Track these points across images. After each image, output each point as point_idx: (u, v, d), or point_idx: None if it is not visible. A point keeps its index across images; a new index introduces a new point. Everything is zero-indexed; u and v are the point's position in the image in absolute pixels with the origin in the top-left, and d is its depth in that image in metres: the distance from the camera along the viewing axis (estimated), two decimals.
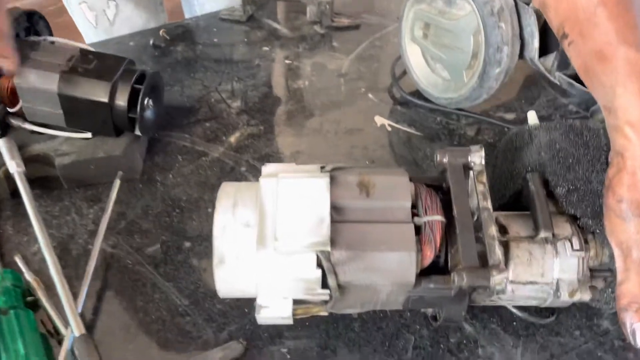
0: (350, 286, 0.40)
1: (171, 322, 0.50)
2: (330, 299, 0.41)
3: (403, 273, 0.39)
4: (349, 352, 0.47)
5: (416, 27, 0.73)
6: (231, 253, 0.40)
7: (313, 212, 0.39)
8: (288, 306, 0.40)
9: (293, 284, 0.40)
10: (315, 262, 0.39)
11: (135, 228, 0.59)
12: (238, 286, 0.41)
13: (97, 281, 0.53)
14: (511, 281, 0.44)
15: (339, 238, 0.39)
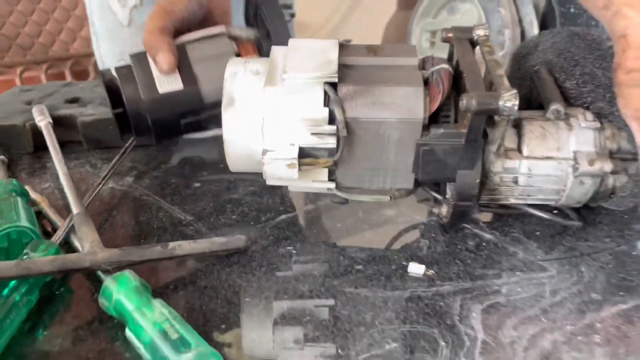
0: (357, 125, 0.39)
1: (174, 230, 0.48)
2: (337, 146, 0.39)
3: (411, 108, 0.39)
4: (359, 250, 0.44)
5: (423, 39, 0.80)
6: (240, 94, 0.40)
7: (322, 57, 0.40)
8: (294, 150, 0.39)
9: (300, 124, 0.39)
10: (323, 99, 0.39)
11: (146, 176, 0.59)
12: (244, 132, 0.40)
13: (102, 207, 0.52)
14: (526, 157, 0.42)
15: (347, 76, 0.39)
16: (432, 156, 0.40)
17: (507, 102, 0.37)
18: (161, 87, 0.53)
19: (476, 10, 0.70)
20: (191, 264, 0.43)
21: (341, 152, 0.40)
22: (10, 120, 0.64)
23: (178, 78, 0.54)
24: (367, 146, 0.40)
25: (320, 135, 0.39)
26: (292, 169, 0.40)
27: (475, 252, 0.43)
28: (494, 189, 0.44)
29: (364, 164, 0.41)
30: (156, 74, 0.54)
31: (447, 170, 0.41)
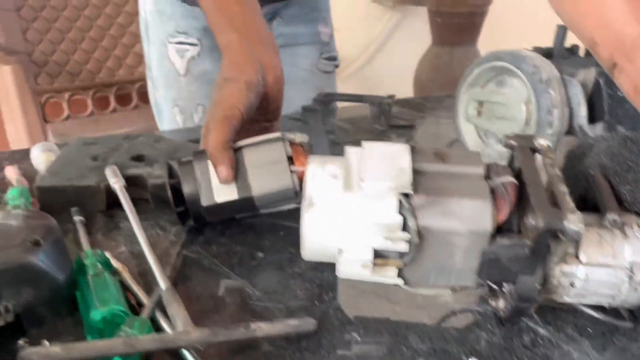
0: (428, 233, 0.42)
1: (244, 306, 0.51)
2: (408, 249, 0.43)
3: (479, 220, 0.42)
4: (420, 340, 0.47)
5: (470, 107, 0.83)
6: (319, 196, 0.44)
7: (395, 164, 0.44)
8: (368, 252, 0.43)
9: (375, 228, 0.43)
10: (397, 206, 0.42)
11: (214, 242, 0.63)
12: (323, 231, 0.44)
13: (176, 276, 0.56)
14: (585, 263, 0.45)
15: (418, 186, 0.43)
16: (497, 263, 0.43)
17: (572, 225, 0.40)
18: (218, 196, 0.59)
19: (525, 88, 0.73)
20: (264, 346, 0.46)
21: (412, 256, 0.43)
22: (85, 181, 0.69)
23: (234, 188, 0.59)
24: (436, 251, 0.44)
25: (393, 240, 0.43)
26: (365, 269, 0.43)
27: (531, 349, 0.46)
28: (550, 290, 0.47)
29: (431, 265, 0.45)
30: (215, 182, 0.59)
31: (510, 275, 0.44)
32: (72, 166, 0.73)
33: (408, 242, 0.43)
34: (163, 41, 1.01)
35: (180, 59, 1.03)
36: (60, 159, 0.77)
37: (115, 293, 0.47)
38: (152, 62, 1.08)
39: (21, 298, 0.45)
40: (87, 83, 2.09)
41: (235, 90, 0.61)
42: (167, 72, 1.05)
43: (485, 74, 0.80)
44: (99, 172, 0.70)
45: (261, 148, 0.60)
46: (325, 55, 1.17)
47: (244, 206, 0.60)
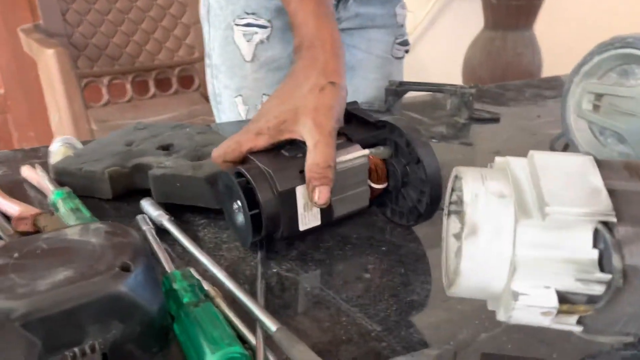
0: (634, 274, 0.33)
1: (364, 344, 0.43)
2: (605, 291, 0.33)
3: None
4: None
5: (584, 100, 0.72)
6: (485, 223, 0.35)
7: (583, 183, 0.34)
8: (552, 297, 0.33)
9: (561, 266, 0.33)
10: (592, 238, 0.33)
11: (307, 257, 0.54)
12: (488, 265, 0.35)
13: (276, 300, 0.48)
14: None
15: (620, 211, 0.33)
16: None
17: None
18: (302, 224, 0.53)
19: None
20: None
21: (606, 301, 0.34)
22: (95, 166, 0.63)
23: (318, 214, 0.53)
24: (637, 295, 0.34)
25: (585, 282, 0.33)
26: (547, 317, 0.34)
27: None
28: None
29: (627, 311, 0.35)
30: (301, 210, 0.52)
31: None
32: (100, 150, 0.67)
33: (607, 284, 0.33)
34: (229, 24, 0.91)
35: (247, 43, 0.93)
36: (100, 141, 0.71)
37: (227, 329, 0.39)
38: (214, 48, 0.98)
39: (109, 335, 0.38)
40: (127, 67, 2.02)
41: (340, 98, 0.54)
42: (232, 58, 0.95)
43: (606, 62, 0.69)
44: (121, 158, 0.65)
45: (347, 171, 0.54)
46: (400, 40, 1.06)
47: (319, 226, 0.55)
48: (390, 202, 0.60)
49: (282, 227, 0.52)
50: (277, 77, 0.94)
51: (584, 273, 0.33)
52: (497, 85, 1.17)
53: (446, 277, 0.40)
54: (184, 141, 0.68)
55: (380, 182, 0.57)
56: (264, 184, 0.51)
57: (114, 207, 0.63)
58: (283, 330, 0.39)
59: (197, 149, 0.66)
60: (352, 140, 0.56)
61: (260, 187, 0.51)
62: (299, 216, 0.52)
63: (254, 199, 0.51)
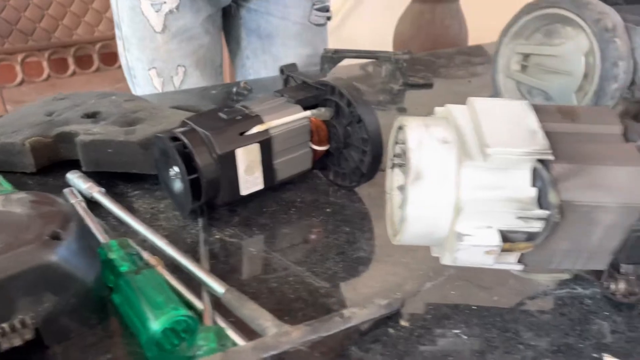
0: (569, 209, 0.34)
1: (314, 302, 0.42)
2: (544, 227, 0.35)
3: (633, 192, 0.34)
4: (536, 335, 0.40)
5: (513, 61, 0.75)
6: (429, 168, 0.35)
7: (521, 125, 0.35)
8: (495, 236, 0.34)
9: (503, 205, 0.34)
10: (531, 177, 0.34)
11: (251, 222, 0.53)
12: (433, 211, 0.35)
13: (221, 265, 0.47)
14: None
15: (555, 150, 0.34)
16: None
17: None
18: (244, 188, 0.52)
19: (585, 36, 0.65)
20: (355, 354, 0.38)
21: (545, 237, 0.35)
22: (11, 137, 0.59)
23: (260, 177, 0.53)
24: (572, 230, 0.36)
25: (526, 219, 0.34)
26: (489, 255, 0.35)
27: None
28: None
29: (562, 247, 0.37)
30: (242, 174, 0.51)
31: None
32: (18, 122, 0.62)
33: (544, 220, 0.35)
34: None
35: (156, 13, 0.89)
36: (15, 113, 0.66)
37: (172, 295, 0.37)
38: (123, 19, 0.93)
39: (41, 308, 0.35)
40: (42, 43, 1.88)
41: None
42: (141, 29, 0.91)
43: (533, 23, 0.71)
44: (42, 128, 0.60)
45: (289, 133, 0.53)
46: (318, 5, 1.05)
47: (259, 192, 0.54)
48: (332, 164, 0.59)
49: (223, 191, 0.51)
50: (190, 48, 0.92)
51: (524, 211, 0.34)
52: (429, 53, 1.19)
53: (391, 228, 0.40)
54: (112, 108, 0.64)
55: (322, 144, 0.57)
56: (202, 147, 0.49)
57: (38, 182, 0.58)
58: (232, 291, 0.38)
59: (127, 115, 0.62)
60: (293, 102, 0.55)
61: (198, 151, 0.49)
62: (239, 180, 0.51)
63: (191, 163, 0.49)
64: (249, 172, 0.51)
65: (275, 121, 0.52)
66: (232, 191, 0.51)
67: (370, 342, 0.39)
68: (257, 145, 0.51)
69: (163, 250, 0.44)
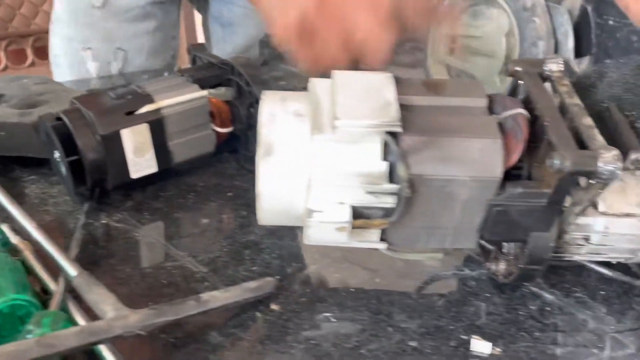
0: (421, 183, 0.33)
1: (186, 287, 0.41)
2: (396, 204, 0.33)
3: (487, 164, 0.33)
4: (409, 317, 0.38)
5: (442, 44, 0.73)
6: (281, 142, 0.33)
7: (377, 97, 0.33)
8: (345, 212, 0.33)
9: (353, 180, 0.32)
10: (382, 151, 0.33)
11: (144, 207, 0.51)
12: (286, 187, 0.34)
13: (100, 250, 0.45)
14: (603, 213, 0.37)
15: (409, 122, 0.33)
16: (505, 217, 0.35)
17: (608, 164, 0.31)
18: (134, 171, 0.49)
19: (507, 17, 0.64)
20: (213, 337, 0.36)
21: (400, 212, 0.34)
22: None
23: (153, 160, 0.50)
24: (430, 205, 0.34)
25: (377, 194, 0.33)
26: (341, 232, 0.33)
27: (542, 321, 0.38)
28: (560, 246, 0.39)
29: (422, 224, 0.35)
30: (130, 156, 0.48)
31: (519, 232, 0.35)
32: None
33: (396, 195, 0.33)
34: None
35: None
36: None
37: (15, 278, 0.35)
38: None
39: None
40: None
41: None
42: (76, 4, 0.83)
43: (456, 3, 0.70)
44: None
45: (184, 113, 0.51)
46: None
47: (159, 175, 0.51)
48: (240, 147, 0.57)
49: (110, 174, 0.49)
50: (132, 30, 0.86)
51: (373, 185, 0.32)
52: None
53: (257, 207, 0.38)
54: (17, 91, 0.62)
55: (225, 126, 0.55)
56: (83, 128, 0.47)
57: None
58: (83, 275, 0.36)
59: (29, 98, 0.60)
60: (191, 81, 0.53)
61: (79, 132, 0.47)
62: (128, 162, 0.49)
63: (75, 145, 0.47)
64: (138, 154, 0.49)
65: (167, 100, 0.50)
66: (121, 174, 0.49)
67: (233, 326, 0.37)
68: (146, 125, 0.49)
69: (30, 233, 0.42)
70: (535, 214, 0.34)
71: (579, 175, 0.32)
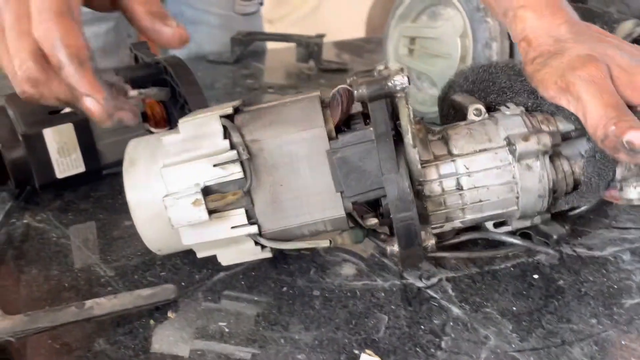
0: (260, 148, 0.36)
1: (87, 291, 0.40)
2: (245, 172, 0.36)
3: (310, 118, 0.37)
4: (305, 329, 0.37)
5: (401, 45, 0.71)
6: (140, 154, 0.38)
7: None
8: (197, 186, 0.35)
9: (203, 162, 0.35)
10: (222, 133, 0.36)
11: (71, 207, 0.51)
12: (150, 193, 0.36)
13: (12, 251, 0.44)
14: (458, 155, 0.40)
15: (242, 109, 0.39)
16: (349, 164, 0.36)
17: (396, 79, 0.35)
18: (60, 171, 0.49)
19: (460, 18, 0.62)
20: (98, 346, 0.35)
21: (250, 180, 0.36)
22: None
23: (80, 160, 0.50)
24: (277, 170, 0.36)
25: (223, 166, 0.35)
26: (198, 206, 0.35)
27: (440, 336, 0.37)
28: (439, 202, 0.40)
29: (280, 194, 0.37)
30: (55, 156, 0.48)
31: (371, 178, 0.37)
32: None
33: (240, 163, 0.36)
34: None
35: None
36: None
37: None
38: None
39: None
40: None
41: None
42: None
43: (417, 4, 0.68)
44: None
45: None
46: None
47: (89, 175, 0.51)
48: None
49: (35, 174, 0.48)
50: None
51: (217, 156, 0.35)
52: (361, 39, 1.16)
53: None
54: None
55: (160, 126, 0.54)
56: (4, 127, 0.47)
57: None
58: None
59: None
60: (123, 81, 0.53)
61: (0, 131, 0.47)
62: (53, 162, 0.49)
63: None
64: (63, 154, 0.49)
65: None
66: (46, 174, 0.49)
67: (122, 333, 0.36)
68: (70, 125, 0.49)
69: None
70: (373, 153, 0.36)
71: (380, 98, 0.35)
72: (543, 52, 0.41)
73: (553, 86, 0.39)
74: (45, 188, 0.51)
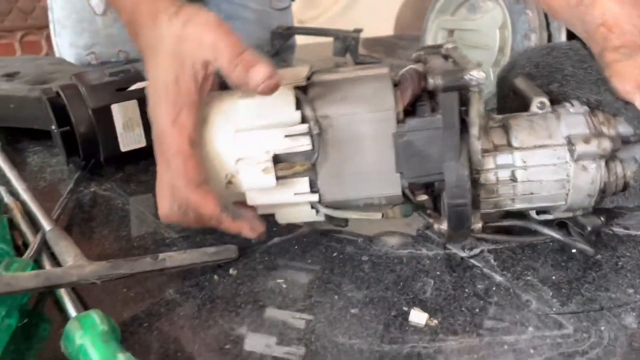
0: (329, 124, 0.38)
1: (155, 250, 0.44)
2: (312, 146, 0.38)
3: (381, 100, 0.38)
4: (356, 288, 0.40)
5: (439, 37, 0.74)
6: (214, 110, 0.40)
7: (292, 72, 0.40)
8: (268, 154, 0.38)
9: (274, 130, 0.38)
10: (294, 104, 0.38)
11: (132, 179, 0.54)
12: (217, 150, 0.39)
13: (82, 215, 0.48)
14: (517, 148, 0.41)
15: (314, 81, 0.40)
16: (412, 148, 0.38)
17: (473, 73, 0.35)
18: (124, 145, 0.53)
19: (500, 10, 0.64)
20: (169, 295, 0.39)
21: (318, 153, 0.38)
22: None
23: (142, 135, 0.53)
24: (344, 146, 0.39)
25: (293, 137, 0.38)
26: (267, 174, 0.38)
27: (485, 299, 0.39)
28: (492, 190, 0.41)
29: (344, 169, 0.39)
30: (120, 130, 0.52)
31: (432, 164, 0.39)
32: None
33: (310, 137, 0.38)
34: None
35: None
36: None
37: (4, 233, 0.39)
38: (55, 1, 0.87)
39: None
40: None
41: None
42: (79, 11, 0.86)
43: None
44: None
45: None
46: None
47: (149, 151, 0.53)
48: None
49: (102, 147, 0.52)
50: None
51: (289, 128, 0.37)
52: (395, 35, 1.19)
53: None
54: (32, 69, 0.67)
55: None
56: (77, 101, 0.51)
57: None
58: (55, 229, 0.40)
59: (42, 75, 0.64)
60: None
61: (72, 105, 0.50)
62: (119, 136, 0.52)
63: (69, 117, 0.51)
64: (128, 129, 0.53)
65: None
66: (112, 147, 0.53)
67: (190, 286, 0.40)
68: (135, 102, 0.52)
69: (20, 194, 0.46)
70: (438, 141, 0.37)
71: (453, 90, 0.36)
72: (628, 43, 0.41)
73: (632, 81, 0.39)
74: (109, 161, 0.55)
